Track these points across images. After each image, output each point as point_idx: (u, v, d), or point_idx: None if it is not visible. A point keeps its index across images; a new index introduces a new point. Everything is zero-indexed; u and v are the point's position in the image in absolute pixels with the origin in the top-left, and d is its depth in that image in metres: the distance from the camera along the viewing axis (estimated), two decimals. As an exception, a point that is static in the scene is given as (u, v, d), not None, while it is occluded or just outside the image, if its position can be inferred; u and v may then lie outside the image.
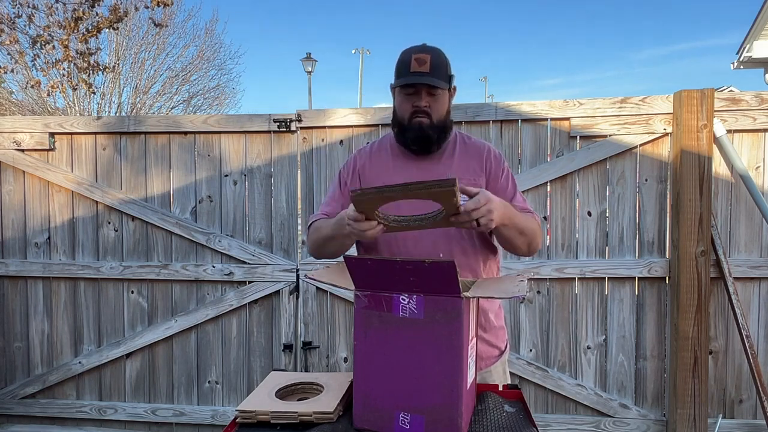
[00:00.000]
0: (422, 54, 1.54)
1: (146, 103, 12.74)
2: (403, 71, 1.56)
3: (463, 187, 1.37)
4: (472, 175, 1.62)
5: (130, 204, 3.16)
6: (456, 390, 1.15)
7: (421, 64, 1.53)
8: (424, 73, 1.53)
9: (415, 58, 1.53)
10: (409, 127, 1.59)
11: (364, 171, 1.69)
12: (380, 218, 1.35)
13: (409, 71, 1.54)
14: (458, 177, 1.57)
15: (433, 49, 1.58)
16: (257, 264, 3.09)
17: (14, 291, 3.29)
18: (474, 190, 1.38)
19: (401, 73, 1.57)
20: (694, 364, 2.76)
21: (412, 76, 1.53)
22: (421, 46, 1.58)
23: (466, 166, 1.63)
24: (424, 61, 1.53)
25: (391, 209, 1.39)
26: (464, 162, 1.64)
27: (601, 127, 2.89)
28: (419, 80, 1.53)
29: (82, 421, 3.26)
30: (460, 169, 1.62)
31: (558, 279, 2.93)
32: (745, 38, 8.56)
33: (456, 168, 1.62)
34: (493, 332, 1.69)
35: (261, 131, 3.10)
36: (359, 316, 1.21)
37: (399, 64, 1.58)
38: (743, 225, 2.85)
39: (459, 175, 1.60)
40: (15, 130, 3.22)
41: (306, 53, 18.79)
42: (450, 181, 1.20)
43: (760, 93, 2.81)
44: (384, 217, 1.36)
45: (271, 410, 1.23)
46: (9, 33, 6.34)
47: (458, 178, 1.27)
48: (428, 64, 1.53)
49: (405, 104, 1.59)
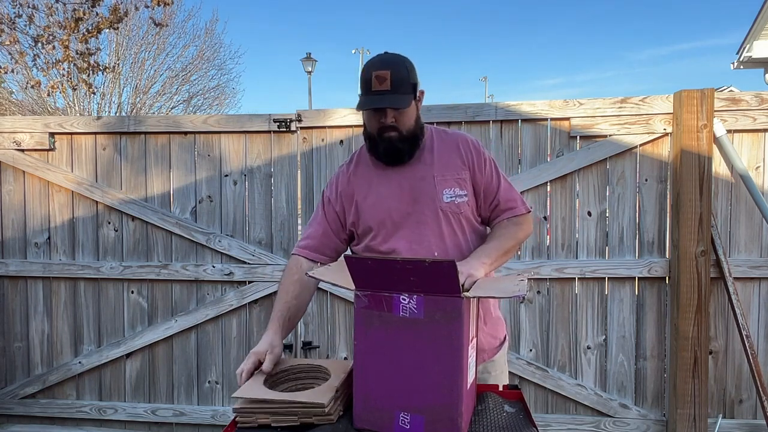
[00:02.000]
0: (382, 71, 1.51)
1: (146, 103, 12.74)
2: (365, 90, 1.54)
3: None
4: (455, 171, 1.62)
5: (130, 204, 3.16)
6: (456, 390, 1.15)
7: (381, 82, 1.50)
8: (385, 92, 1.51)
9: (376, 75, 1.51)
10: (380, 141, 1.59)
11: (350, 188, 1.68)
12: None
13: (370, 90, 1.52)
14: (441, 174, 1.61)
15: (393, 62, 1.54)
16: (257, 264, 3.09)
17: (14, 291, 3.29)
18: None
19: (364, 91, 1.55)
20: (694, 364, 2.76)
21: (373, 95, 1.52)
22: (380, 61, 1.55)
23: (446, 163, 1.63)
24: (385, 79, 1.50)
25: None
26: (444, 158, 1.64)
27: (601, 127, 2.89)
28: (379, 104, 1.52)
29: (82, 421, 3.26)
30: (441, 166, 1.63)
31: (558, 279, 2.93)
32: (745, 38, 8.56)
33: (437, 166, 1.62)
34: (492, 323, 1.71)
35: (261, 131, 3.10)
36: (359, 316, 1.21)
37: (362, 82, 1.56)
38: (743, 225, 2.85)
39: (441, 172, 1.61)
40: (15, 130, 3.22)
41: (306, 53, 18.79)
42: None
43: (760, 93, 2.81)
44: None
45: (264, 405, 1.23)
46: (9, 33, 6.34)
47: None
48: (388, 81, 1.50)
49: (372, 121, 1.59)
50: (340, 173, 1.74)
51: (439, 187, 1.60)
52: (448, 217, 1.60)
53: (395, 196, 1.61)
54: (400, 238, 1.60)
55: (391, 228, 1.61)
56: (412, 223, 1.60)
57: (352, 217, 1.67)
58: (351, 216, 1.67)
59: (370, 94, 1.52)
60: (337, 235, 1.70)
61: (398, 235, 1.61)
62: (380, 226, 1.62)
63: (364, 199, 1.65)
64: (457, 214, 1.61)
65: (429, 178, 1.61)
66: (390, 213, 1.61)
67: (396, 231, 1.61)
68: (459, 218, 1.61)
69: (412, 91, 1.56)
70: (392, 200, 1.61)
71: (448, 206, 1.60)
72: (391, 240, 1.61)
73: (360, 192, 1.66)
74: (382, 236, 1.62)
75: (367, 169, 1.69)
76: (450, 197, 1.60)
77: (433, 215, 1.59)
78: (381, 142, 1.59)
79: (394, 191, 1.62)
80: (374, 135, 1.60)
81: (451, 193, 1.60)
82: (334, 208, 1.70)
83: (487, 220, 1.70)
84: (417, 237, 1.59)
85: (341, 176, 1.72)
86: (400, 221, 1.60)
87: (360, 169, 1.70)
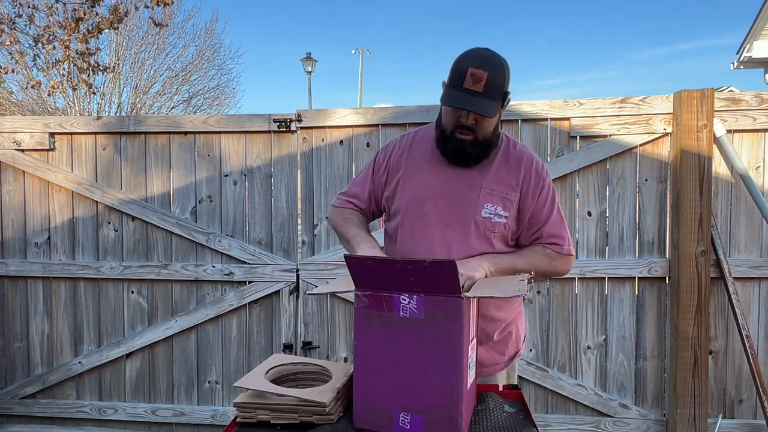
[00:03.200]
0: (479, 70, 1.41)
1: (146, 103, 12.74)
2: (456, 84, 1.45)
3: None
4: (505, 189, 1.56)
5: (130, 204, 3.16)
6: (456, 390, 1.15)
7: (476, 82, 1.41)
8: (476, 93, 1.42)
9: (472, 73, 1.41)
10: (451, 140, 1.53)
11: (399, 163, 1.64)
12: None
13: (461, 86, 1.43)
14: (489, 187, 1.56)
15: (492, 63, 1.44)
16: (257, 264, 3.09)
17: (14, 291, 3.29)
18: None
19: (453, 84, 1.46)
20: (694, 364, 2.76)
21: (462, 93, 1.43)
22: (481, 57, 1.45)
23: (500, 178, 1.57)
24: (480, 79, 1.41)
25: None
26: (501, 174, 1.57)
27: (601, 127, 2.89)
28: (467, 106, 1.43)
29: (82, 421, 3.26)
30: (494, 179, 1.57)
31: (558, 279, 2.93)
32: (745, 38, 8.56)
33: (490, 177, 1.57)
34: (511, 341, 1.68)
35: (261, 131, 3.10)
36: (359, 316, 1.21)
37: (453, 73, 1.46)
38: (743, 225, 2.85)
39: (490, 186, 1.56)
40: (15, 130, 3.22)
41: (306, 53, 18.77)
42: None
43: (760, 93, 2.81)
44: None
45: (264, 401, 1.23)
46: (9, 33, 6.34)
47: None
48: (483, 82, 1.41)
49: (450, 116, 1.51)
50: (396, 144, 1.69)
51: (482, 199, 1.54)
52: (480, 231, 1.54)
53: (435, 190, 1.57)
54: (421, 232, 1.57)
55: (419, 219, 1.57)
56: (441, 224, 1.56)
57: (390, 191, 1.65)
58: (389, 190, 1.65)
59: (460, 90, 1.44)
60: (377, 201, 1.71)
61: (426, 232, 1.57)
62: (409, 213, 1.59)
63: (405, 180, 1.61)
64: (490, 232, 1.55)
65: (476, 188, 1.55)
66: (423, 204, 1.57)
67: (425, 226, 1.57)
68: (490, 236, 1.55)
69: (502, 98, 1.49)
70: (430, 194, 1.57)
71: (483, 221, 1.54)
72: (411, 229, 1.59)
73: (406, 172, 1.62)
74: (408, 226, 1.59)
75: (422, 152, 1.63)
76: (489, 213, 1.54)
77: (464, 225, 1.54)
78: (452, 141, 1.52)
79: (437, 186, 1.57)
80: (447, 131, 1.53)
81: (492, 209, 1.54)
82: (381, 176, 1.68)
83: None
84: (432, 235, 1.56)
85: (396, 148, 1.68)
86: (432, 217, 1.56)
87: (416, 149, 1.65)
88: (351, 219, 1.70)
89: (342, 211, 1.74)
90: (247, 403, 1.24)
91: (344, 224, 1.70)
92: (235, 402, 1.25)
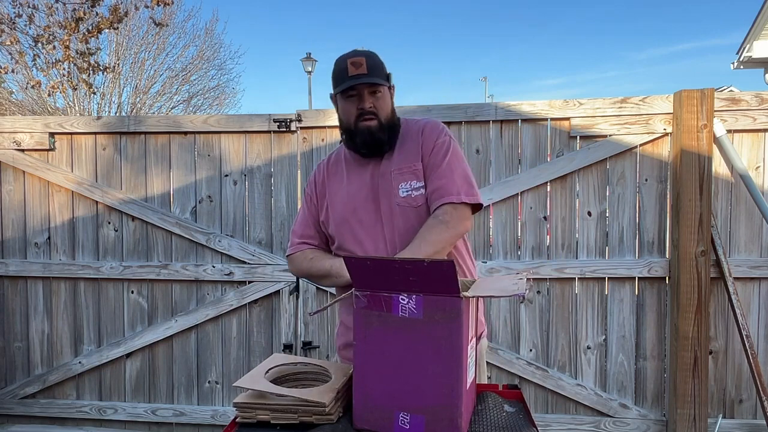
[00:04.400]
0: (357, 57, 1.54)
1: (146, 103, 12.75)
2: (341, 77, 1.55)
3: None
4: (410, 162, 1.59)
5: (130, 204, 3.16)
6: (456, 390, 1.15)
7: (357, 67, 1.53)
8: (361, 75, 1.53)
9: (351, 62, 1.54)
10: (357, 131, 1.57)
11: (324, 186, 1.69)
12: None
13: (347, 76, 1.54)
14: (398, 168, 1.58)
15: (366, 52, 1.58)
16: (257, 264, 3.09)
17: (14, 291, 3.29)
18: None
19: (340, 79, 1.56)
20: (694, 364, 2.76)
21: (351, 79, 1.53)
22: (354, 51, 1.59)
23: (405, 156, 1.60)
24: (360, 64, 1.53)
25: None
26: (405, 151, 1.61)
27: (601, 127, 2.89)
28: (360, 81, 1.53)
29: (82, 421, 3.26)
30: (400, 159, 1.60)
31: (558, 279, 2.93)
32: (745, 38, 8.56)
33: (395, 160, 1.60)
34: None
35: (261, 131, 3.10)
36: (359, 316, 1.21)
37: (336, 72, 1.58)
38: (743, 225, 2.85)
39: (398, 166, 1.59)
40: (15, 130, 3.22)
41: (306, 53, 18.75)
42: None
43: (760, 93, 2.81)
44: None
45: (264, 401, 1.24)
46: (9, 33, 6.34)
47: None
48: (365, 65, 1.53)
49: (350, 108, 1.58)
50: (316, 172, 1.73)
51: (395, 182, 1.57)
52: (405, 212, 1.56)
53: (362, 195, 1.60)
54: (365, 237, 1.59)
55: (358, 226, 1.59)
56: (378, 223, 1.58)
57: (324, 215, 1.66)
58: (323, 214, 1.67)
59: (347, 79, 1.53)
60: (324, 231, 1.69)
61: (370, 235, 1.59)
62: (346, 224, 1.60)
63: (332, 198, 1.65)
64: (415, 208, 1.56)
65: (387, 174, 1.59)
66: (356, 212, 1.60)
67: (366, 230, 1.59)
68: (418, 212, 1.56)
69: (387, 79, 1.59)
70: (358, 200, 1.60)
71: (405, 200, 1.56)
72: (355, 239, 1.59)
73: (331, 192, 1.66)
74: (352, 236, 1.60)
75: (341, 168, 1.68)
76: (406, 191, 1.57)
77: (390, 212, 1.57)
78: (359, 133, 1.57)
79: (362, 191, 1.61)
80: (352, 125, 1.58)
81: (407, 186, 1.57)
82: (314, 204, 1.70)
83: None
84: (374, 235, 1.58)
85: (318, 175, 1.72)
86: (367, 221, 1.59)
87: (333, 169, 1.70)
88: (316, 256, 1.65)
89: (302, 254, 1.68)
90: (247, 403, 1.24)
91: (312, 264, 1.64)
92: (235, 402, 1.25)
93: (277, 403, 1.23)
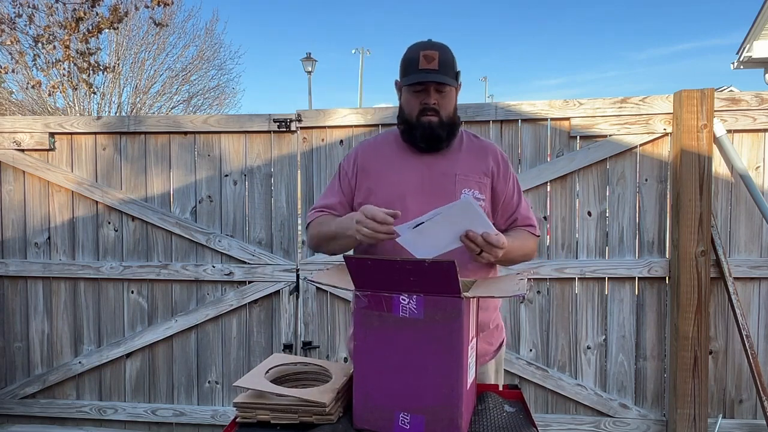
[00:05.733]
0: (430, 51, 1.52)
1: (146, 103, 12.73)
2: (412, 68, 1.53)
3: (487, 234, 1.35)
4: (477, 175, 1.60)
5: (130, 204, 3.16)
6: (456, 390, 1.15)
7: (429, 62, 1.50)
8: (432, 71, 1.51)
9: (424, 55, 1.51)
10: (418, 125, 1.56)
11: (368, 165, 1.65)
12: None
13: (417, 68, 1.52)
14: (464, 174, 1.58)
15: (440, 45, 1.56)
16: (257, 264, 3.09)
17: (14, 291, 3.29)
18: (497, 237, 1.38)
19: (409, 70, 1.54)
20: (694, 364, 2.76)
21: (421, 73, 1.51)
22: (428, 43, 1.56)
23: (471, 165, 1.61)
24: (433, 58, 1.51)
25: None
26: (470, 160, 1.62)
27: (601, 127, 2.89)
28: (430, 78, 1.51)
29: (82, 421, 3.26)
30: (466, 166, 1.61)
31: (558, 279, 2.93)
32: (745, 38, 8.57)
33: (461, 165, 1.60)
34: (490, 332, 1.68)
35: (261, 131, 3.10)
36: (359, 316, 1.21)
37: (406, 61, 1.56)
38: (743, 225, 2.85)
39: (464, 172, 1.59)
40: (15, 130, 3.22)
41: (306, 53, 18.77)
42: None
43: (760, 93, 2.81)
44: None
45: (264, 401, 1.23)
46: (9, 33, 6.34)
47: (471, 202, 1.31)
48: (437, 61, 1.51)
49: (413, 101, 1.56)
50: (360, 149, 1.70)
51: (459, 185, 1.57)
52: None
53: (413, 185, 1.58)
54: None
55: (402, 215, 1.53)
56: (418, 212, 1.50)
57: (362, 197, 1.62)
58: (360, 196, 1.63)
59: (417, 72, 1.51)
60: (350, 208, 1.67)
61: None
62: (387, 207, 1.54)
63: (378, 181, 1.61)
64: None
65: (450, 176, 1.58)
66: (404, 199, 1.56)
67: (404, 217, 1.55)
68: None
69: (456, 78, 1.57)
70: (408, 188, 1.58)
71: None
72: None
73: (378, 173, 1.63)
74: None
75: (391, 152, 1.65)
76: (473, 195, 1.58)
77: None
78: (419, 127, 1.56)
79: (413, 180, 1.59)
80: (413, 118, 1.57)
81: (469, 194, 1.57)
82: (350, 181, 1.67)
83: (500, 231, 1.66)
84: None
85: (361, 153, 1.68)
86: (413, 211, 1.53)
87: (385, 149, 1.67)
88: (326, 220, 1.64)
89: (315, 222, 1.67)
90: (247, 403, 1.24)
91: (321, 227, 1.63)
92: (235, 402, 1.25)
93: (277, 403, 1.23)
